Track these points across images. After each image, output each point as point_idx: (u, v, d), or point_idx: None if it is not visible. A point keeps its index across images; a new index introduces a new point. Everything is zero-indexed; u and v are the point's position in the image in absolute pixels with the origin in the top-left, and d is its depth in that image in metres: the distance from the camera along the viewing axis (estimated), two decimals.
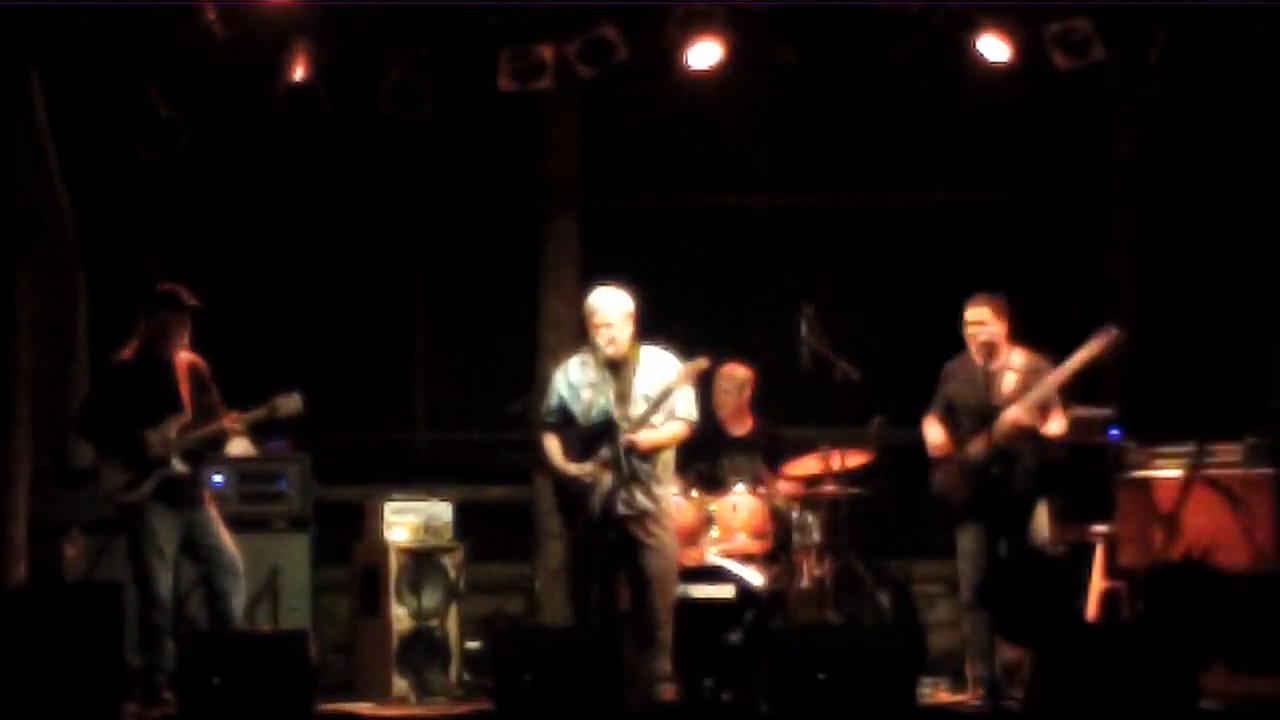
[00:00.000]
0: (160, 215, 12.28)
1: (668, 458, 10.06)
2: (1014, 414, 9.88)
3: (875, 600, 10.94)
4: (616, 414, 9.89)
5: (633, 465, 9.85)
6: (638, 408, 9.89)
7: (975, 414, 9.99)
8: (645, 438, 9.87)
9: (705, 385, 11.01)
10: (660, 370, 9.95)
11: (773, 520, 10.78)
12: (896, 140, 12.39)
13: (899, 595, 11.25)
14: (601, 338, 9.93)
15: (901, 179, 12.55)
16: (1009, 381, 10.00)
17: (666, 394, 9.86)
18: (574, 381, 10.04)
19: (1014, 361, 10.03)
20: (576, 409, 10.00)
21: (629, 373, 9.95)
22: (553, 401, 10.08)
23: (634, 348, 9.99)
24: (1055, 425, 9.99)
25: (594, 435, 9.93)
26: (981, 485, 9.92)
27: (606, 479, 9.83)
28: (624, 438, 9.82)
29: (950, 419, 10.13)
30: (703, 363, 9.90)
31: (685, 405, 9.98)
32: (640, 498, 9.88)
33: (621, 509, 9.85)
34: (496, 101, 10.88)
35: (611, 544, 9.84)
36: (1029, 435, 9.93)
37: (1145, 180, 12.35)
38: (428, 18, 10.56)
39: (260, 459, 11.10)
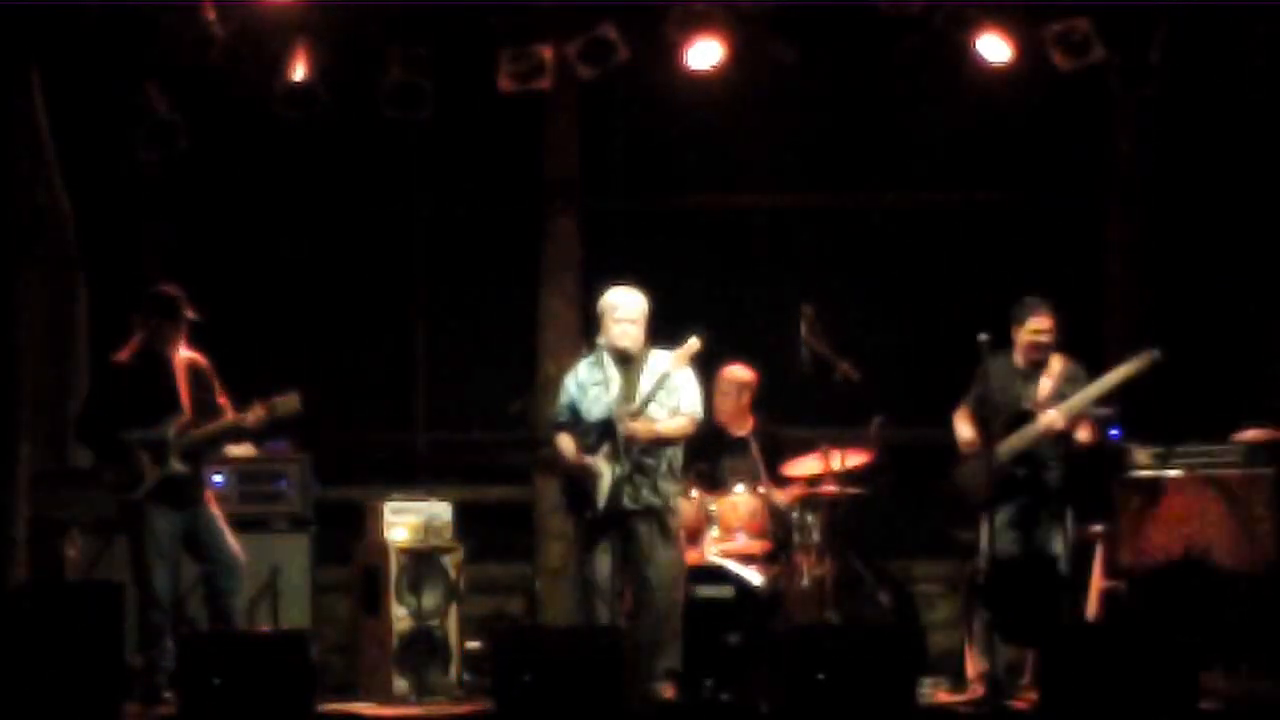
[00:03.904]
0: (160, 215, 12.28)
1: (674, 454, 10.09)
2: (1049, 419, 10.03)
3: (875, 600, 10.94)
4: (619, 410, 9.92)
5: (636, 459, 9.87)
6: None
7: (1008, 414, 10.08)
8: (645, 429, 9.88)
9: (706, 386, 11.02)
10: (664, 369, 9.98)
11: (773, 520, 10.78)
12: (896, 140, 12.38)
13: (899, 595, 11.25)
14: (618, 331, 9.99)
15: (901, 179, 12.55)
16: (1045, 386, 10.13)
17: (664, 379, 9.90)
18: (583, 381, 10.13)
19: (1052, 367, 10.15)
20: (584, 406, 10.06)
21: (637, 372, 10.01)
22: (563, 400, 10.17)
23: (645, 348, 10.05)
24: (1083, 434, 10.16)
25: (599, 431, 9.97)
26: (1007, 484, 9.99)
27: (610, 473, 9.87)
28: (624, 428, 9.85)
29: (980, 416, 10.19)
30: (695, 343, 9.93)
31: (691, 400, 10.05)
32: (645, 493, 9.91)
33: (627, 503, 9.89)
34: (496, 101, 10.88)
35: (616, 538, 9.86)
36: (1058, 440, 10.05)
37: (1145, 180, 12.34)
38: (428, 18, 10.56)
39: (260, 459, 11.09)
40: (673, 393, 10.02)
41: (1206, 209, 12.29)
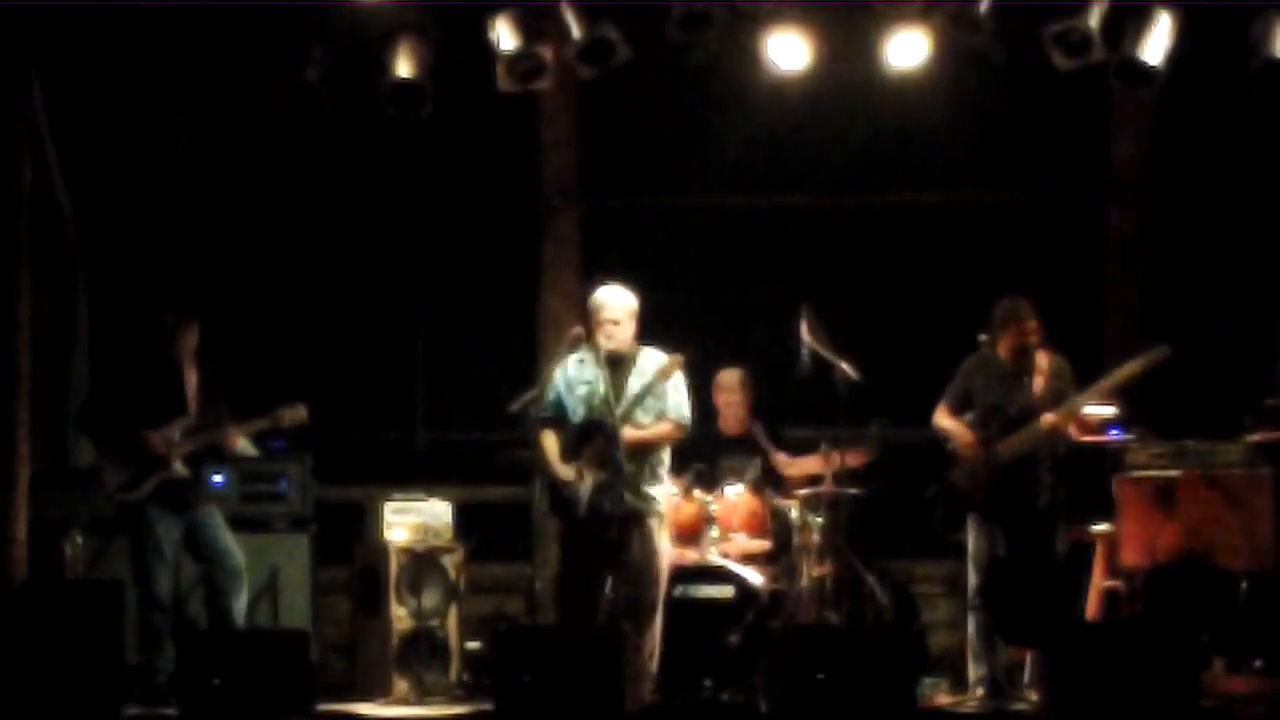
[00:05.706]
0: (160, 215, 12.28)
1: (658, 458, 10.05)
2: (1051, 420, 10.02)
3: (875, 600, 10.94)
4: (605, 411, 9.90)
5: (619, 462, 9.84)
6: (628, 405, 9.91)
7: (1004, 415, 10.07)
8: (629, 434, 9.85)
9: (705, 386, 11.02)
10: (653, 370, 9.96)
11: (773, 520, 10.78)
12: (896, 140, 12.37)
13: (899, 595, 11.25)
14: (605, 333, 9.96)
15: (901, 179, 12.54)
16: (1039, 385, 10.17)
17: (647, 390, 9.87)
18: (571, 378, 10.08)
19: (1041, 364, 10.15)
20: (570, 404, 10.03)
21: (625, 371, 9.98)
22: (550, 396, 10.11)
23: (634, 347, 10.01)
24: (1078, 431, 10.23)
25: (584, 432, 9.95)
26: (1004, 486, 9.99)
27: (592, 477, 9.84)
28: (606, 433, 9.83)
29: (974, 418, 10.18)
30: (678, 358, 9.91)
31: (676, 406, 10.00)
32: (628, 497, 9.87)
33: (608, 507, 9.86)
34: (495, 102, 10.87)
35: (599, 543, 9.84)
36: (1058, 439, 10.07)
37: (1144, 181, 12.34)
38: (427, 18, 10.55)
39: (260, 459, 11.10)
40: (660, 398, 9.98)
41: (1206, 208, 12.29)
